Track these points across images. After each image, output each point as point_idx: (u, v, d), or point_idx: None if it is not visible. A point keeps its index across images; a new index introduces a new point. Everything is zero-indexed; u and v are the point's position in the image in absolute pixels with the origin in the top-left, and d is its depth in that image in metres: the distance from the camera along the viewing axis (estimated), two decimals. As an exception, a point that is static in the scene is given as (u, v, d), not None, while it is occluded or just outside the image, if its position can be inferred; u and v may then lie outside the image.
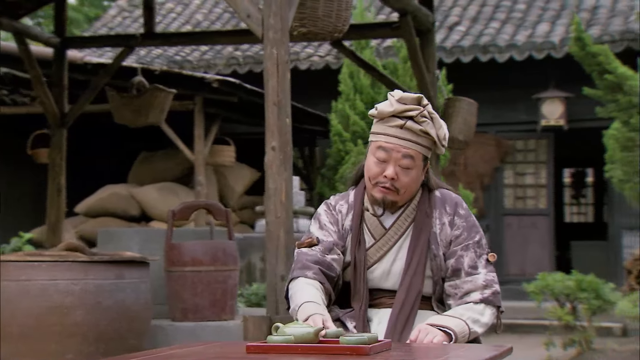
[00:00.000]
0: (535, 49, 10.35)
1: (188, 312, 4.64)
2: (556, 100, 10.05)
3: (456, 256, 2.59)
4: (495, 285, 2.58)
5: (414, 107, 2.55)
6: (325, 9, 4.13)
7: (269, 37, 3.70)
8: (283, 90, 3.71)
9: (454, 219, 2.63)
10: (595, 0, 11.56)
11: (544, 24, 11.06)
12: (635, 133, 8.09)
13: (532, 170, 11.02)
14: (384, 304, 2.63)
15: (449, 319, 2.48)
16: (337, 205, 2.75)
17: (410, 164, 2.55)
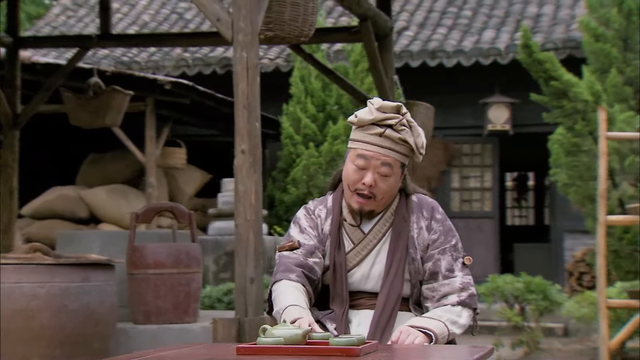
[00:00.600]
0: (481, 55, 10.56)
1: (150, 315, 4.63)
2: (502, 106, 10.26)
3: (433, 260, 2.66)
4: (472, 288, 2.65)
5: (393, 115, 2.59)
6: (291, 13, 4.17)
7: (238, 40, 3.73)
8: (253, 93, 3.74)
9: (431, 224, 2.70)
10: (538, 9, 11.84)
11: (490, 30, 11.28)
12: (580, 138, 8.33)
13: (477, 173, 11.23)
14: (362, 305, 2.68)
15: (428, 321, 2.54)
16: (316, 210, 2.79)
17: (389, 171, 2.60)
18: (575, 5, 11.67)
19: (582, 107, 8.18)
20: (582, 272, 10.33)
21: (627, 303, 5.84)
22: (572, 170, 8.40)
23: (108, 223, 9.16)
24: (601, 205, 5.94)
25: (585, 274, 10.35)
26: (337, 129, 9.40)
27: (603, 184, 5.97)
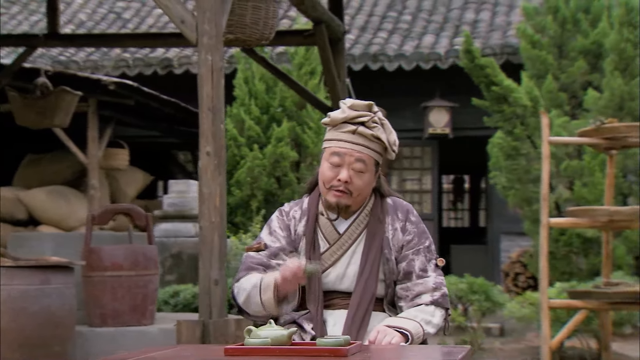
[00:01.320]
0: (422, 60, 10.73)
1: (107, 318, 4.59)
2: (442, 109, 10.46)
3: (408, 260, 2.72)
4: (444, 288, 2.73)
5: (365, 113, 2.66)
6: (253, 16, 4.21)
7: (203, 43, 3.74)
8: (217, 96, 3.76)
9: (405, 225, 2.76)
10: (475, 15, 12.09)
11: (429, 35, 11.47)
12: (519, 142, 8.55)
13: (417, 176, 11.41)
14: (337, 305, 2.72)
15: (404, 321, 2.60)
16: (290, 211, 2.83)
17: (363, 167, 2.66)
18: (511, 12, 11.96)
19: (521, 111, 8.41)
20: (517, 272, 10.58)
21: (568, 303, 6.02)
22: (511, 174, 8.62)
23: (47, 225, 9.00)
24: (543, 207, 6.11)
25: (521, 275, 10.61)
26: (281, 131, 9.43)
27: (545, 187, 6.14)
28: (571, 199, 8.61)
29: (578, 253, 8.57)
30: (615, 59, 8.56)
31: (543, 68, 9.26)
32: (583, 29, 9.34)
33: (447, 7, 12.43)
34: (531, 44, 9.38)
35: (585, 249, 8.51)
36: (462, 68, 10.32)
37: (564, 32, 9.41)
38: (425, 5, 12.53)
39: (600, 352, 6.91)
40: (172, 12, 3.82)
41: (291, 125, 9.56)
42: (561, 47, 9.45)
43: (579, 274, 8.49)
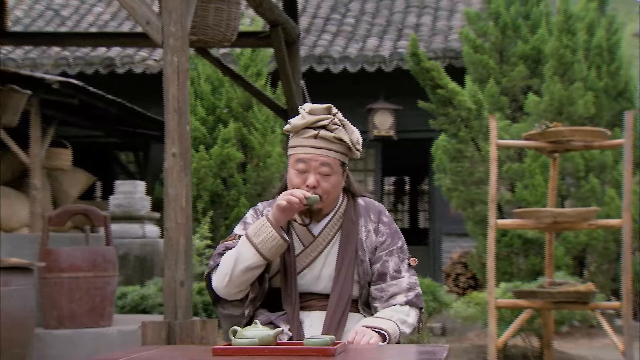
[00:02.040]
0: (367, 62, 10.83)
1: (64, 320, 4.53)
2: (387, 112, 10.57)
3: (381, 261, 2.76)
4: (418, 288, 2.78)
5: (325, 116, 2.67)
6: (215, 18, 4.22)
7: (169, 44, 3.74)
8: (183, 97, 3.76)
9: (378, 226, 2.80)
10: (417, 19, 12.26)
11: (373, 38, 11.59)
12: (463, 145, 8.72)
13: (361, 178, 11.52)
14: (313, 306, 2.74)
15: (381, 321, 2.63)
16: (264, 210, 2.84)
17: (329, 170, 2.68)
18: (452, 17, 12.16)
19: (465, 115, 8.57)
20: (458, 273, 10.77)
21: (514, 303, 6.15)
22: (455, 176, 8.78)
23: (-12, 226, 8.81)
24: (491, 209, 6.24)
25: (461, 275, 10.81)
26: (228, 132, 9.42)
27: (493, 189, 6.28)
28: (512, 200, 8.82)
29: (519, 254, 8.78)
30: (555, 64, 8.80)
31: (485, 72, 9.46)
32: (523, 34, 9.57)
33: (390, 10, 12.57)
34: (473, 48, 9.57)
35: (526, 250, 8.73)
36: (406, 71, 10.48)
37: (504, 38, 9.63)
38: (368, 8, 12.66)
39: (542, 350, 7.11)
40: (138, 13, 3.81)
41: (237, 126, 9.56)
42: (502, 52, 9.67)
43: (519, 274, 8.70)
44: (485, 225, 8.81)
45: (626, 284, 6.13)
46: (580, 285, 6.15)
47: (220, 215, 9.36)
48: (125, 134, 10.75)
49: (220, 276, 2.67)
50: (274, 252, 2.62)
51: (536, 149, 6.53)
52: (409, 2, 12.74)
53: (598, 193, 8.56)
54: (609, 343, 8.99)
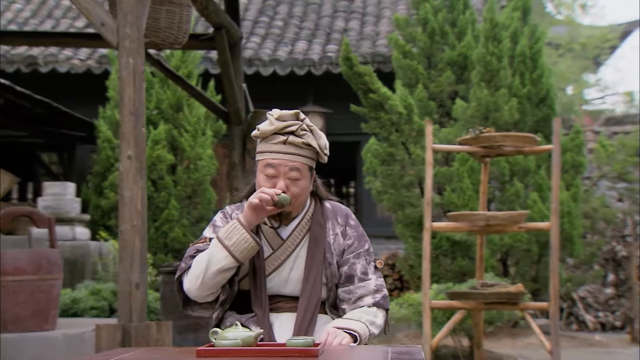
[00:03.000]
0: (296, 65, 10.90)
1: (8, 323, 4.43)
2: (316, 115, 10.66)
3: (349, 264, 2.82)
4: (384, 290, 2.85)
5: (293, 122, 2.72)
6: (167, 20, 4.22)
7: (125, 46, 3.73)
8: (139, 99, 3.75)
9: (345, 230, 2.87)
10: (345, 23, 12.40)
11: (302, 42, 11.67)
12: (394, 148, 8.87)
13: (289, 180, 11.56)
14: (282, 308, 2.78)
15: (351, 322, 2.69)
16: (233, 214, 2.87)
17: (298, 175, 2.73)
18: (379, 22, 12.35)
19: (396, 119, 8.73)
20: (385, 275, 10.94)
21: (448, 304, 6.31)
22: (386, 179, 8.93)
23: None
24: (427, 212, 6.39)
25: (388, 277, 10.97)
26: (158, 134, 9.34)
27: (429, 192, 6.43)
28: (441, 203, 9.02)
29: (447, 255, 8.98)
30: (482, 71, 9.04)
31: (414, 77, 9.64)
32: (450, 41, 9.80)
33: (318, 14, 12.68)
34: (402, 54, 9.75)
35: (453, 252, 8.94)
36: (335, 75, 10.61)
37: (432, 44, 9.84)
38: (296, 12, 12.73)
39: (471, 350, 7.30)
40: (92, 15, 3.78)
41: (168, 128, 9.49)
42: (430, 58, 9.88)
43: (446, 275, 8.90)
44: (415, 227, 9.01)
45: (554, 284, 6.36)
46: (511, 287, 6.35)
47: (150, 218, 9.27)
48: (50, 135, 10.54)
49: (192, 278, 2.69)
50: (246, 254, 2.65)
51: (469, 153, 6.72)
52: (336, 7, 12.87)
53: (522, 197, 8.83)
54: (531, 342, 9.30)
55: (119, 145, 3.74)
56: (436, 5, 9.99)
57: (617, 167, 9.77)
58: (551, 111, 9.29)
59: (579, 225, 9.04)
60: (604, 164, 9.88)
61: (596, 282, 11.04)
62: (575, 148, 9.15)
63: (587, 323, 11.11)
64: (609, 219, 10.14)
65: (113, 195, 9.24)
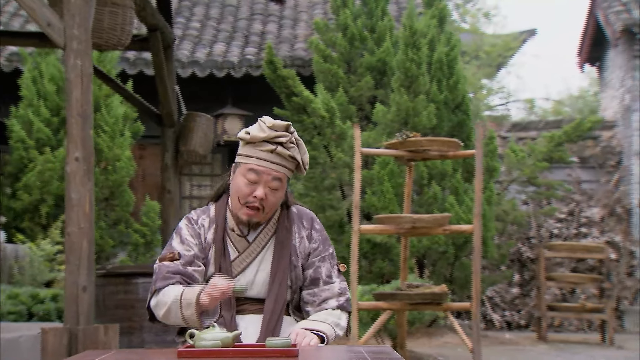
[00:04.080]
0: (216, 67, 10.88)
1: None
2: (236, 117, 10.66)
3: (314, 267, 2.89)
4: (348, 293, 2.93)
5: (284, 133, 2.79)
6: (110, 21, 4.20)
7: (72, 47, 3.69)
8: (87, 101, 3.72)
9: (311, 233, 2.94)
10: (263, 26, 12.45)
11: (220, 44, 11.64)
12: (317, 152, 8.97)
13: (208, 182, 11.53)
14: (247, 310, 2.83)
15: (318, 324, 2.76)
16: (199, 219, 2.90)
17: (279, 185, 2.80)
18: (297, 26, 12.44)
19: (319, 122, 8.83)
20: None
21: (375, 304, 6.44)
22: (308, 182, 9.02)
23: None
24: (355, 215, 6.51)
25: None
26: (76, 134, 9.15)
27: (357, 195, 6.56)
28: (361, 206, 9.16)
29: (367, 257, 9.14)
30: (401, 77, 9.24)
31: (334, 81, 9.78)
32: (369, 46, 9.97)
33: (235, 17, 12.67)
34: (323, 58, 9.87)
35: (374, 254, 9.10)
36: (255, 77, 10.65)
37: (352, 49, 9.99)
38: (213, 14, 12.69)
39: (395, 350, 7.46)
40: (38, 15, 3.73)
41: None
42: (350, 63, 10.03)
43: (367, 277, 9.05)
44: (336, 230, 9.13)
45: (476, 285, 6.58)
46: (435, 288, 6.54)
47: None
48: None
49: (158, 310, 2.76)
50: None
51: (396, 157, 6.88)
52: (253, 10, 12.89)
53: (439, 200, 9.07)
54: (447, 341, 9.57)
55: (66, 147, 3.69)
56: (355, 11, 10.16)
57: (527, 171, 10.14)
58: (466, 117, 9.57)
59: (492, 228, 9.34)
60: (515, 168, 10.24)
61: (503, 282, 11.43)
62: (489, 153, 9.45)
63: (494, 322, 11.49)
64: (518, 222, 10.51)
65: (27, 197, 9.01)
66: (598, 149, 12.49)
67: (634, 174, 11.72)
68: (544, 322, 9.95)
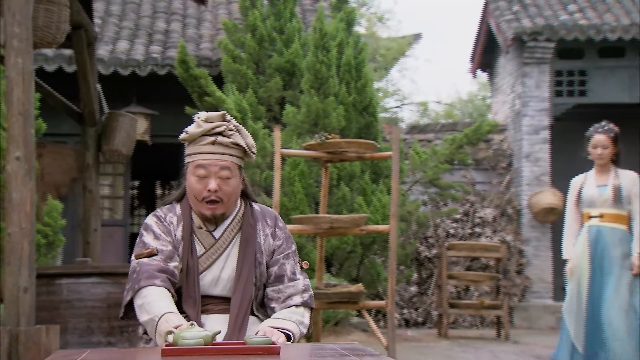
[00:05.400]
0: (120, 65, 10.70)
1: None
2: (142, 116, 10.51)
3: (279, 264, 2.94)
4: (311, 290, 3.00)
5: (220, 123, 2.83)
6: (45, 19, 4.14)
7: (13, 45, 3.62)
8: (28, 100, 3.66)
9: (275, 231, 2.98)
10: (166, 25, 12.32)
11: (123, 41, 11.46)
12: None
13: (109, 182, 11.33)
14: (211, 310, 2.85)
15: (284, 322, 2.81)
16: (167, 217, 2.91)
17: (229, 174, 2.83)
18: (201, 25, 12.37)
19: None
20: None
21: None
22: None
23: None
24: (274, 214, 6.57)
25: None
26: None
27: (277, 195, 6.63)
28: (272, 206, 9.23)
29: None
30: (311, 78, 9.37)
31: (244, 82, 9.81)
32: (279, 48, 10.05)
33: (137, 14, 12.49)
34: (232, 58, 9.89)
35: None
36: (161, 76, 10.55)
37: (261, 50, 10.05)
38: (114, 10, 12.48)
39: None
40: (-24, 10, 3.64)
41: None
42: (258, 64, 10.08)
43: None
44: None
45: (391, 284, 6.77)
46: (352, 287, 6.69)
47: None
48: None
49: (141, 314, 2.72)
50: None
51: (315, 158, 6.98)
52: (156, 8, 12.74)
53: (348, 200, 9.24)
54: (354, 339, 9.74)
55: (7, 146, 3.62)
56: (264, 12, 10.21)
57: (430, 173, 10.44)
58: (373, 119, 9.78)
59: (398, 228, 9.58)
60: (418, 170, 10.53)
61: (402, 281, 11.73)
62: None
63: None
64: (421, 222, 10.80)
65: None
66: (490, 152, 12.95)
67: (523, 176, 12.22)
68: (444, 320, 10.27)
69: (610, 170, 5.95)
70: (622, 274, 5.70)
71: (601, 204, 5.85)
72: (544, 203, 11.77)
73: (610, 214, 5.83)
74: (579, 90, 12.12)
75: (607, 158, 5.91)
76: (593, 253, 5.80)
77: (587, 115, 12.32)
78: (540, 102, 12.07)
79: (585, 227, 5.91)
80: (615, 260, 5.75)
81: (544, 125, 12.06)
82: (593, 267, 5.78)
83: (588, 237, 5.85)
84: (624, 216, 5.86)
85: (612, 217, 5.83)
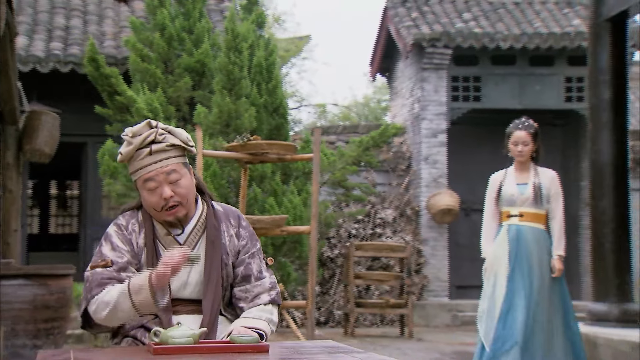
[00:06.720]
0: (20, 61, 10.34)
1: None
2: (44, 115, 10.20)
3: (245, 264, 2.94)
4: (277, 286, 3.02)
5: (149, 132, 2.80)
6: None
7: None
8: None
9: (239, 231, 2.99)
10: (66, 21, 11.99)
11: (22, 37, 11.07)
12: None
13: (8, 181, 10.93)
14: (180, 312, 2.83)
15: (255, 321, 2.81)
16: (128, 225, 2.86)
17: (177, 176, 2.80)
18: (103, 23, 12.11)
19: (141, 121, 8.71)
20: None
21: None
22: (130, 182, 8.85)
23: None
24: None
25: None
26: None
27: (198, 196, 6.57)
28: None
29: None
30: (224, 79, 9.33)
31: (152, 81, 9.67)
32: (188, 47, 9.97)
33: (35, 9, 12.11)
34: (140, 57, 9.73)
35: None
36: (63, 73, 10.28)
37: (170, 49, 9.94)
38: (11, 4, 12.04)
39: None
40: None
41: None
42: (167, 63, 9.97)
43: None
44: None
45: (311, 284, 6.85)
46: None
47: None
48: None
49: (99, 313, 2.70)
50: (149, 311, 2.69)
51: (236, 159, 6.97)
52: (54, 3, 12.38)
53: (260, 201, 9.25)
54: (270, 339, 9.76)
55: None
56: (173, 11, 10.10)
57: (338, 174, 10.58)
58: (284, 120, 9.83)
59: (309, 229, 9.66)
60: (326, 171, 10.64)
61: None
62: (305, 156, 9.76)
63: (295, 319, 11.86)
64: (328, 223, 10.93)
65: None
66: (390, 154, 13.21)
67: (422, 178, 12.53)
68: (351, 318, 10.42)
69: (530, 167, 5.87)
70: (542, 275, 5.73)
71: (521, 203, 5.79)
72: (441, 204, 12.09)
73: (530, 213, 5.79)
74: (474, 95, 12.49)
75: (527, 155, 5.80)
76: (512, 252, 5.74)
77: (481, 120, 12.79)
78: (438, 106, 12.39)
79: (505, 226, 5.83)
80: (536, 261, 5.72)
81: (442, 129, 12.38)
82: (512, 267, 5.72)
83: (508, 236, 5.77)
84: (542, 215, 5.82)
85: (532, 216, 5.80)
